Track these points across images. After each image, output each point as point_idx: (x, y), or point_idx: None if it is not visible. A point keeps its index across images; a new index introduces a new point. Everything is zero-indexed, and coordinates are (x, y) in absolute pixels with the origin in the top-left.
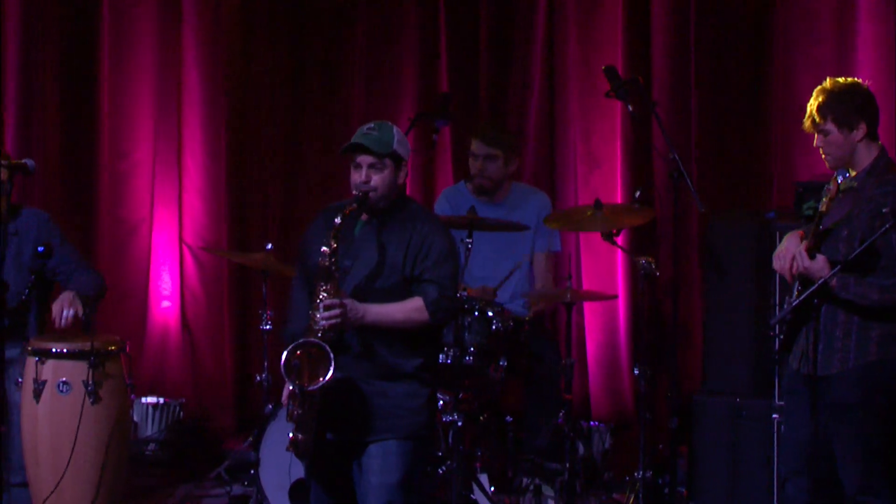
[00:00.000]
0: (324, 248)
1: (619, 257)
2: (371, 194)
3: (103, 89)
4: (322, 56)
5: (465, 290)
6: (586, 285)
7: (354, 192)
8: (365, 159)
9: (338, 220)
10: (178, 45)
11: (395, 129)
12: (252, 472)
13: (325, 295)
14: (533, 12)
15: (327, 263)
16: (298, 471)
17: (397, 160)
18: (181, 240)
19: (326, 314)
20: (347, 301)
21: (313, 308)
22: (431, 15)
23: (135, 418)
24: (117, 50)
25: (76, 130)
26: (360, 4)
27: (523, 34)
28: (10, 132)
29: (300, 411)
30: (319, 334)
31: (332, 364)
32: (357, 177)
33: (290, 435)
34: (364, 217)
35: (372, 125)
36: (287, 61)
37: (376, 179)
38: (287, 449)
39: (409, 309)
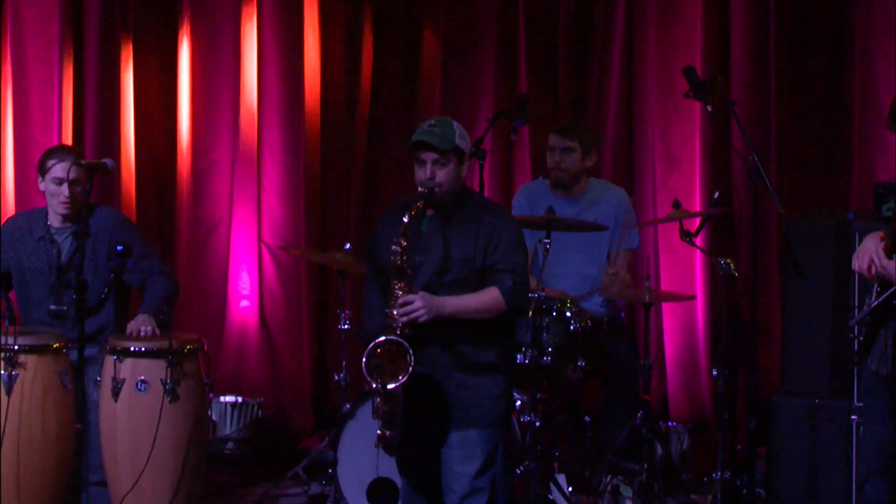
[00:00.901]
0: (394, 247)
1: (698, 258)
2: (436, 190)
3: (183, 86)
4: (401, 54)
5: (543, 290)
6: (665, 286)
7: (420, 188)
8: (429, 156)
9: (406, 218)
10: (259, 43)
11: (455, 124)
12: (330, 471)
13: (399, 292)
14: (612, 12)
15: (399, 261)
16: (377, 470)
17: (460, 154)
18: (260, 239)
19: (403, 310)
20: (424, 295)
21: (389, 305)
22: (511, 15)
23: (213, 417)
24: (198, 47)
25: (156, 129)
26: (439, 3)
27: (602, 34)
28: (90, 132)
29: (385, 408)
30: (398, 331)
31: (412, 361)
32: (422, 173)
33: (378, 431)
34: (430, 212)
35: (433, 122)
36: (366, 60)
37: (441, 175)
38: (375, 445)
39: (487, 299)
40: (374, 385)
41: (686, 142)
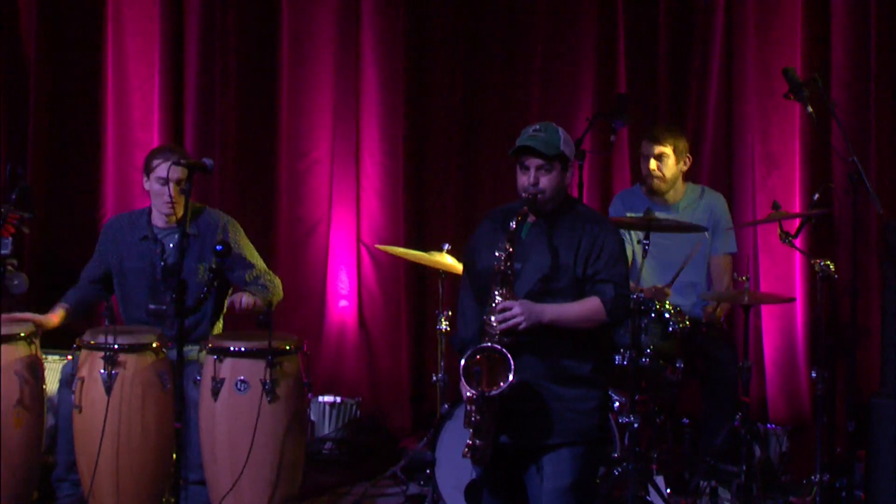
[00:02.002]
0: (498, 253)
1: (798, 259)
2: (539, 196)
3: (283, 89)
4: (500, 55)
5: (640, 291)
6: (764, 288)
7: (523, 194)
8: (533, 161)
9: (513, 225)
10: (357, 44)
11: (560, 130)
12: (428, 471)
13: (499, 298)
14: (711, 13)
15: (503, 267)
16: (474, 471)
17: (564, 161)
18: (359, 239)
19: (502, 316)
20: (524, 302)
21: (488, 312)
22: (610, 16)
23: (312, 417)
24: (296, 50)
25: (255, 129)
26: (538, 4)
27: (701, 35)
28: (189, 132)
29: (478, 417)
30: (496, 338)
31: (513, 369)
32: (525, 179)
33: (469, 441)
34: (532, 219)
35: (538, 126)
36: (465, 61)
37: (544, 181)
38: (464, 455)
39: (587, 308)
40: (472, 392)
41: (786, 143)
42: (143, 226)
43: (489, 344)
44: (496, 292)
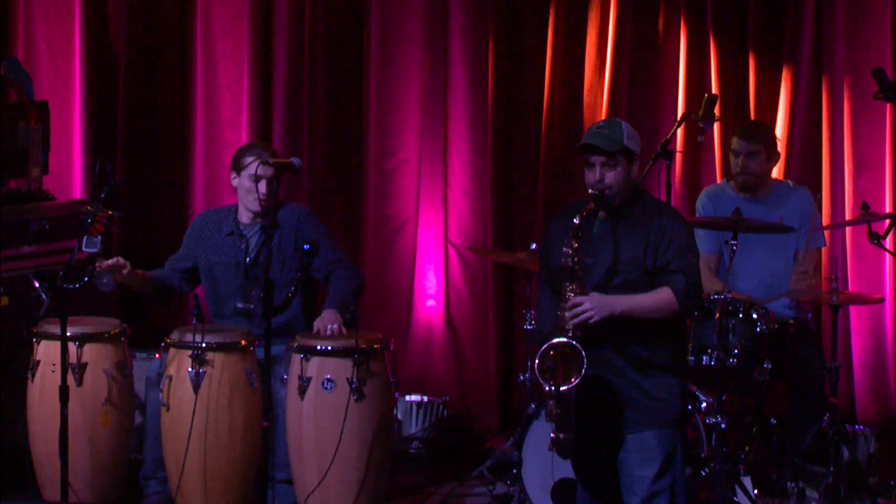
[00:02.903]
0: (565, 249)
1: (887, 260)
2: (606, 192)
3: (370, 87)
4: (590, 54)
5: (729, 292)
6: (852, 288)
7: (590, 191)
8: (597, 158)
9: (576, 220)
10: (445, 43)
11: (624, 124)
12: (515, 471)
13: (571, 294)
14: (801, 14)
15: (570, 264)
16: (561, 471)
17: (629, 156)
18: (446, 239)
19: (573, 311)
20: (594, 296)
21: (561, 308)
22: (699, 16)
23: (398, 416)
24: (384, 48)
25: (343, 128)
26: (628, 4)
27: (791, 35)
28: (277, 131)
29: (559, 411)
30: (570, 333)
31: (585, 363)
32: (591, 176)
33: (552, 434)
34: (602, 214)
35: (602, 123)
36: (553, 59)
37: (610, 177)
38: (549, 448)
39: (659, 299)
40: (547, 388)
41: (876, 144)
42: (229, 222)
43: (562, 339)
44: (567, 288)
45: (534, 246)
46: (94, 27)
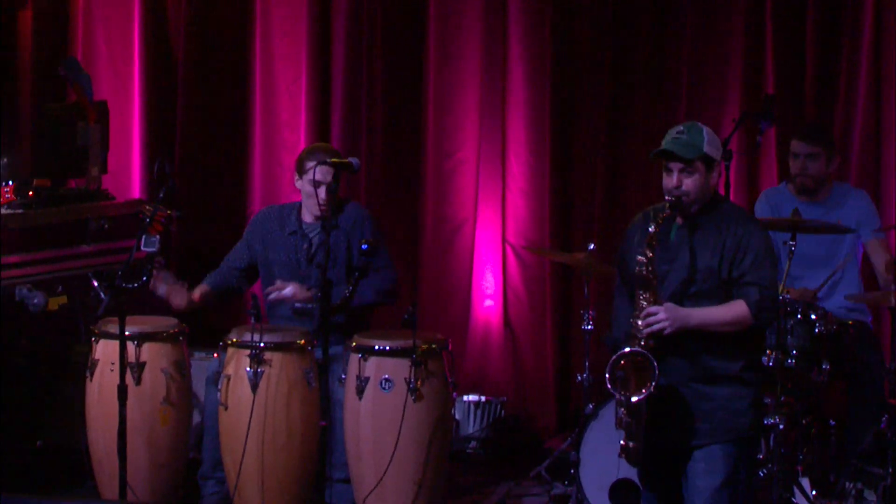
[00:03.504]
0: (639, 258)
1: None
2: (683, 199)
3: (429, 88)
4: (646, 56)
5: (787, 292)
6: None
7: (667, 196)
8: (675, 164)
9: (651, 229)
10: (504, 44)
11: (705, 130)
12: (572, 471)
13: (644, 302)
14: (859, 13)
15: (645, 272)
16: (619, 471)
17: (708, 162)
18: (504, 239)
19: (647, 321)
20: (669, 306)
21: (634, 316)
22: (758, 16)
23: (456, 416)
24: (443, 49)
25: (402, 128)
26: (687, 3)
27: (850, 34)
28: (336, 132)
29: (629, 420)
30: (642, 342)
31: (656, 374)
32: (669, 182)
33: (622, 442)
34: (679, 221)
35: (681, 128)
36: (611, 62)
37: (688, 183)
38: (619, 456)
39: (733, 312)
40: (618, 397)
41: None
42: (292, 221)
43: (634, 348)
44: (640, 296)
45: (591, 246)
46: (153, 28)
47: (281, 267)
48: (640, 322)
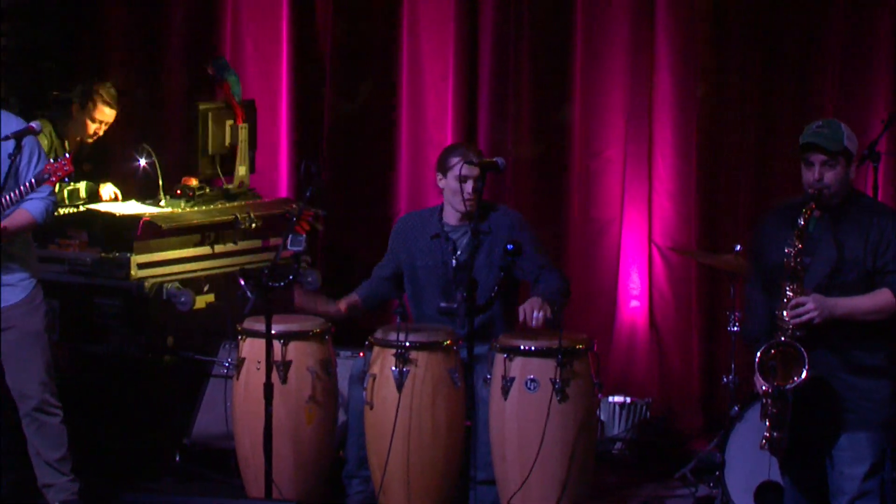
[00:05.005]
0: (788, 249)
1: None
2: (825, 191)
3: (576, 88)
4: (795, 57)
5: None
6: None
7: (808, 190)
8: (817, 157)
9: (801, 221)
10: (651, 46)
11: (843, 125)
12: (717, 473)
13: (790, 294)
14: None
15: (793, 263)
16: (764, 473)
17: (848, 156)
18: (650, 240)
19: (795, 312)
20: (816, 297)
21: (779, 307)
22: None
23: (601, 417)
24: (590, 49)
25: (548, 128)
26: (834, 7)
27: None
28: (482, 131)
29: (775, 410)
30: (789, 333)
31: (807, 363)
32: (810, 175)
33: (765, 433)
34: (817, 213)
35: (821, 123)
36: (759, 63)
37: (829, 176)
38: (761, 447)
39: (879, 301)
40: (768, 386)
41: None
42: (434, 224)
43: (784, 339)
44: (787, 288)
45: (738, 247)
46: (300, 27)
47: (425, 271)
48: (787, 313)
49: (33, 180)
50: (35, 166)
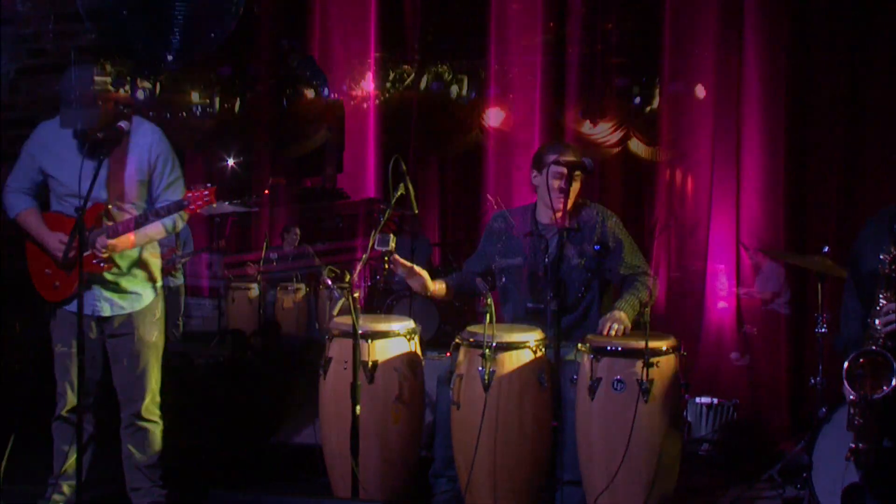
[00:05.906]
0: (882, 256)
1: None
2: None
3: (664, 88)
4: (886, 55)
5: None
6: None
7: None
8: None
9: None
10: (739, 45)
11: None
12: (805, 474)
13: (883, 301)
14: None
15: (887, 270)
16: (852, 475)
17: None
18: (738, 240)
19: (886, 319)
20: None
21: (872, 315)
22: None
23: (688, 418)
24: (678, 48)
25: (633, 128)
26: None
27: None
28: (569, 132)
29: (861, 420)
30: (880, 342)
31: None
32: None
33: (851, 444)
34: None
35: None
36: (847, 63)
37: None
38: (846, 458)
39: None
40: (855, 395)
41: None
42: (527, 222)
43: (873, 347)
44: (880, 295)
45: (826, 249)
46: (388, 28)
47: (517, 270)
48: (879, 321)
49: (172, 206)
50: (168, 175)
